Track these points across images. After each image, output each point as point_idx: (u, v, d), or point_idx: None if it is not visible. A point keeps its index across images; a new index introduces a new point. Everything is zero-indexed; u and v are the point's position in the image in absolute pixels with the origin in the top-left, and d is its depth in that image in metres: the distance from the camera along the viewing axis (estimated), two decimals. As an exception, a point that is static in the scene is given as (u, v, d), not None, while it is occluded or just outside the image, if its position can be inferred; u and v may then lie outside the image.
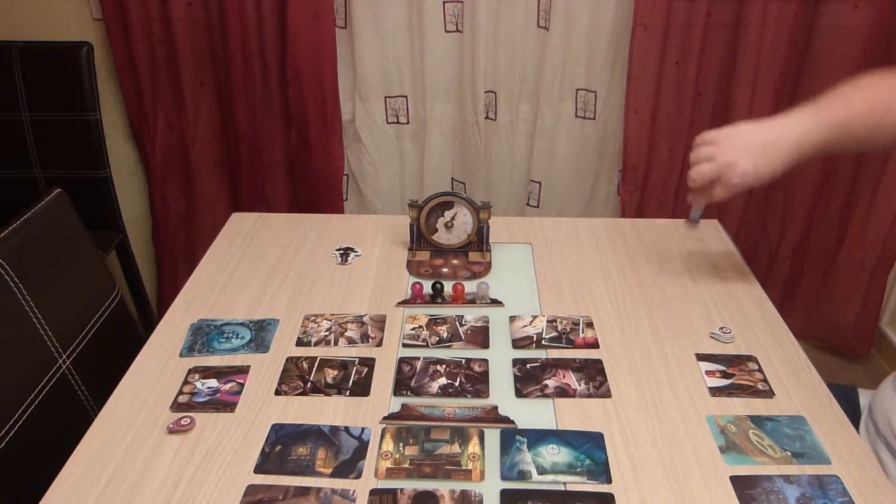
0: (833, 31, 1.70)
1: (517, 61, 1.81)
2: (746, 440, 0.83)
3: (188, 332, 1.02)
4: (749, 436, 0.84)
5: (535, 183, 1.95)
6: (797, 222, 1.95)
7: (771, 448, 0.82)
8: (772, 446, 0.82)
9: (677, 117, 1.83)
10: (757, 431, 0.84)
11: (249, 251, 1.23)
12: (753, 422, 0.86)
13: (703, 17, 1.69)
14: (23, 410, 0.91)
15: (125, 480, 0.79)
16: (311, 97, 1.80)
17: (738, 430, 0.85)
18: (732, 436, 0.84)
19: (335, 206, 1.96)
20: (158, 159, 1.93)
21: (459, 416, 0.87)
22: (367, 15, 1.76)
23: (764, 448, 0.82)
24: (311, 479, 0.78)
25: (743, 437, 0.83)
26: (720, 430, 0.85)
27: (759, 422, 0.86)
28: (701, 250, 1.23)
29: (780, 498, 0.76)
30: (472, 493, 0.76)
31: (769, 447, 0.82)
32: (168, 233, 2.04)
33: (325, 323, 1.04)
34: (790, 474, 0.78)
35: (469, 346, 1.00)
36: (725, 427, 0.85)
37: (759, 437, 0.84)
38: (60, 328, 1.01)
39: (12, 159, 1.79)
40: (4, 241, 0.95)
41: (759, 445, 0.82)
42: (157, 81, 1.84)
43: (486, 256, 1.20)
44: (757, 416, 0.87)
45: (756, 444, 0.83)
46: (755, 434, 0.84)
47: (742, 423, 0.86)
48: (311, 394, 0.91)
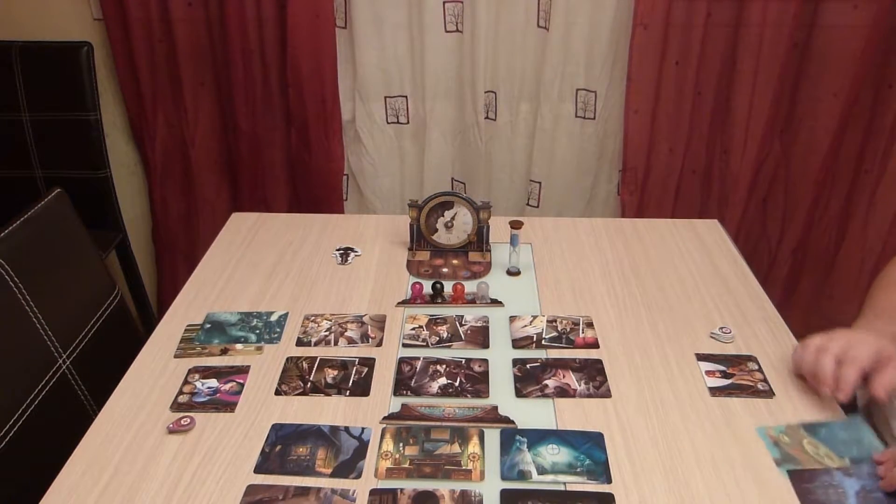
0: (833, 31, 1.70)
1: (517, 61, 1.81)
2: (801, 451, 0.81)
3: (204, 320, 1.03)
4: (804, 445, 0.82)
5: (535, 183, 1.95)
6: (797, 222, 1.95)
7: (828, 457, 0.80)
8: (829, 454, 0.80)
9: (677, 117, 1.82)
10: (811, 439, 0.82)
11: (249, 251, 1.23)
12: (807, 430, 0.84)
13: (703, 17, 1.69)
14: (23, 410, 0.91)
15: (125, 480, 0.79)
16: (311, 97, 1.80)
17: (792, 441, 0.82)
18: (786, 447, 0.82)
19: (335, 206, 1.96)
20: (158, 159, 1.93)
21: (459, 416, 0.87)
22: (367, 15, 1.76)
23: (820, 457, 0.80)
24: (311, 479, 0.78)
25: (798, 448, 0.82)
26: (773, 441, 0.83)
27: (813, 429, 0.84)
28: (701, 250, 1.23)
29: (839, 492, 0.75)
30: (472, 493, 0.76)
31: (826, 455, 0.80)
32: (168, 233, 2.03)
33: (325, 323, 1.04)
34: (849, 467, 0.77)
35: (469, 346, 1.00)
36: (778, 438, 0.83)
37: (813, 445, 0.82)
38: (60, 328, 1.01)
39: (12, 159, 1.79)
40: (4, 241, 0.95)
41: (815, 455, 0.80)
42: (157, 81, 1.84)
43: (486, 256, 1.20)
44: (810, 424, 0.84)
45: (811, 453, 0.81)
46: (809, 443, 0.82)
47: (794, 433, 0.84)
48: (311, 394, 0.91)
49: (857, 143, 1.82)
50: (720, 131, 1.85)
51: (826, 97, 1.76)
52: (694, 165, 1.91)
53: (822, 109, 1.78)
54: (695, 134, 1.86)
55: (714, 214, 1.90)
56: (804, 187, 1.89)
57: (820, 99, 1.77)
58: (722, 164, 1.88)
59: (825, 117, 1.78)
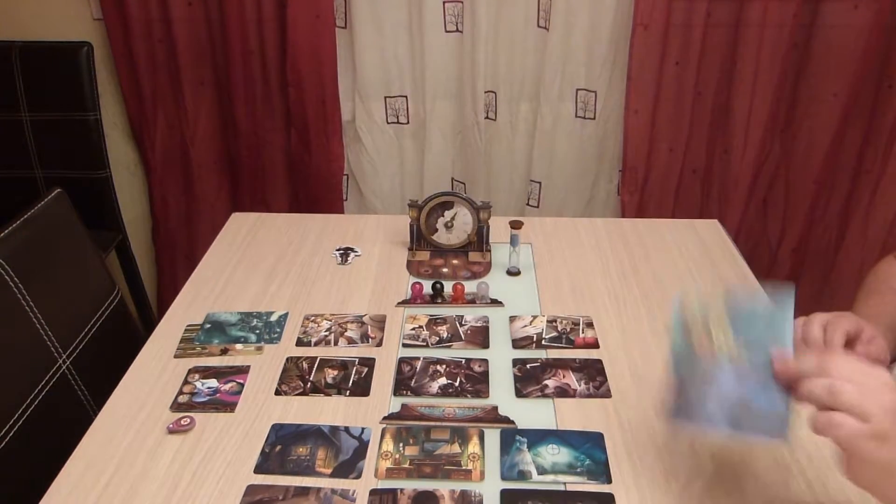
0: (833, 31, 1.70)
1: (517, 61, 1.81)
2: (707, 337, 0.69)
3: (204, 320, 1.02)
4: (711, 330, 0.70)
5: (535, 183, 1.95)
6: (797, 222, 1.95)
7: (727, 345, 0.68)
8: (728, 342, 0.69)
9: (677, 117, 1.82)
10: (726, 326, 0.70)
11: (249, 251, 1.23)
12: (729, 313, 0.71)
13: (703, 17, 1.69)
14: (23, 410, 0.91)
15: (125, 480, 0.79)
16: (311, 97, 1.80)
17: (703, 327, 0.70)
18: (690, 336, 0.70)
19: (335, 206, 1.96)
20: (158, 159, 1.93)
21: (459, 416, 0.87)
22: (367, 15, 1.76)
23: (720, 346, 0.69)
24: (311, 479, 0.78)
25: (705, 336, 0.70)
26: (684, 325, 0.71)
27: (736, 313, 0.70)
28: (701, 250, 1.23)
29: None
30: (472, 493, 0.76)
31: (725, 344, 0.69)
32: (168, 233, 2.03)
33: (325, 323, 1.04)
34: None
35: (469, 346, 1.00)
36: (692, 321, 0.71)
37: (724, 333, 0.69)
38: (60, 328, 1.01)
39: (12, 159, 1.79)
40: (4, 241, 0.95)
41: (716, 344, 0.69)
42: (157, 81, 1.84)
43: (486, 256, 1.20)
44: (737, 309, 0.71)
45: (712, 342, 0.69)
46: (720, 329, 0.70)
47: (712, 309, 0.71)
48: (311, 394, 0.91)
49: (857, 143, 1.82)
50: (720, 131, 1.85)
51: (826, 97, 1.76)
52: (694, 165, 1.91)
53: (822, 109, 1.78)
54: (695, 134, 1.86)
55: (714, 214, 1.90)
56: (804, 187, 1.89)
57: (820, 99, 1.77)
58: (722, 164, 1.88)
59: (825, 117, 1.78)
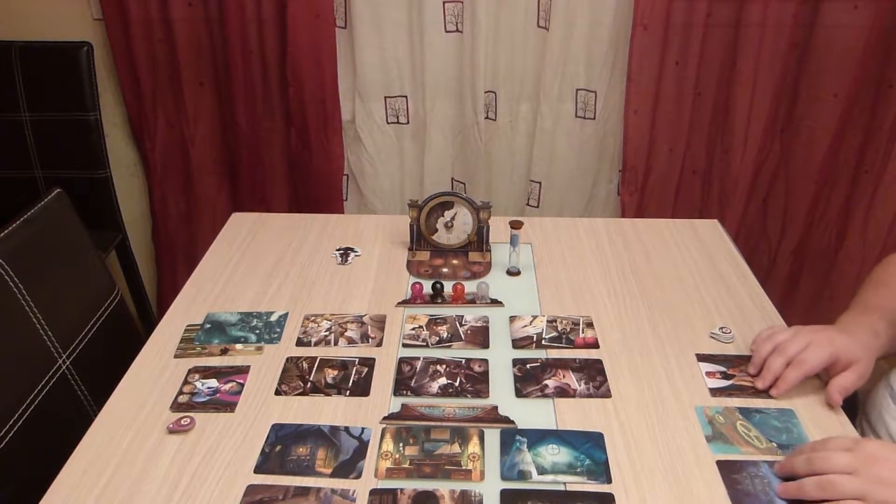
0: (833, 31, 1.70)
1: (517, 61, 1.81)
2: (733, 430, 0.84)
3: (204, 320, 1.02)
4: (736, 426, 0.85)
5: (535, 183, 1.95)
6: (797, 222, 1.95)
7: (757, 439, 0.83)
8: (758, 437, 0.83)
9: (677, 117, 1.82)
10: (744, 422, 0.85)
11: (249, 251, 1.23)
12: (742, 413, 0.87)
13: (703, 17, 1.69)
14: (23, 410, 0.91)
15: (125, 480, 0.79)
16: (311, 97, 1.80)
17: (726, 421, 0.85)
18: (720, 426, 0.85)
19: (335, 205, 1.96)
20: (158, 159, 1.93)
21: (459, 416, 0.87)
22: (367, 15, 1.76)
23: (750, 439, 0.83)
24: (311, 479, 0.78)
25: (730, 428, 0.84)
26: (708, 419, 0.86)
27: (748, 413, 0.87)
28: (701, 250, 1.23)
29: (764, 482, 0.77)
30: (472, 493, 0.76)
31: (755, 438, 0.83)
32: (168, 233, 2.03)
33: (325, 323, 1.04)
34: (775, 460, 0.79)
35: (469, 346, 1.00)
36: (713, 417, 0.86)
37: (746, 427, 0.85)
38: (60, 328, 1.01)
39: (12, 159, 1.79)
40: (4, 241, 0.95)
41: (746, 436, 0.83)
42: (157, 81, 1.84)
43: (486, 256, 1.20)
44: (746, 408, 0.87)
45: (742, 434, 0.83)
46: (742, 425, 0.85)
47: (730, 415, 0.86)
48: (311, 394, 0.91)
49: (857, 143, 1.82)
50: (720, 131, 1.85)
51: (826, 97, 1.76)
52: (694, 165, 1.91)
53: (822, 109, 1.78)
54: (695, 134, 1.86)
55: (714, 214, 1.90)
56: (804, 187, 1.89)
57: (820, 99, 1.77)
58: (722, 164, 1.88)
59: (825, 117, 1.78)
